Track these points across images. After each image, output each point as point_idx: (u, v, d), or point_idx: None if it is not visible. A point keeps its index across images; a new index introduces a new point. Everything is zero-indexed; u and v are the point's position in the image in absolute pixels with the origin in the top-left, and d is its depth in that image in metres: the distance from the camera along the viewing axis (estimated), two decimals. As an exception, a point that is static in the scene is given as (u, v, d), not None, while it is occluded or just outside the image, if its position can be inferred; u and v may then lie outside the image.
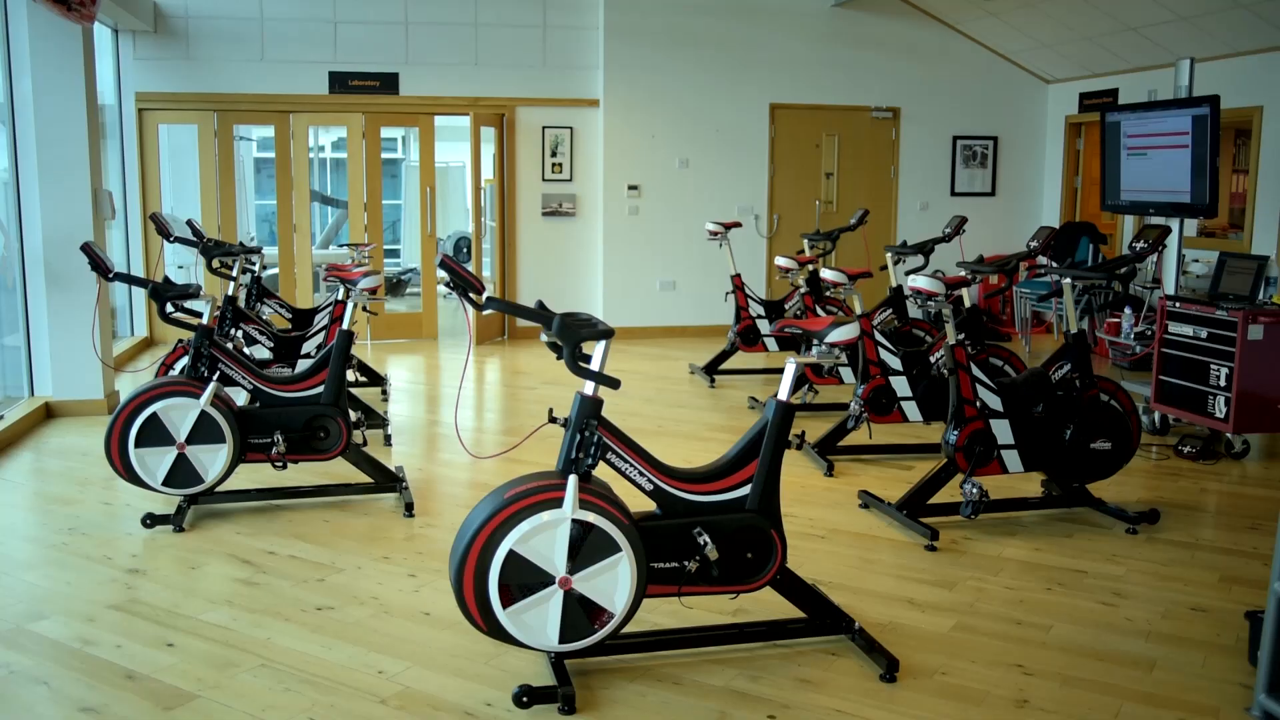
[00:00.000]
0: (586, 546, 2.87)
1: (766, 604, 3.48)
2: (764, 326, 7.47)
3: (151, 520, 4.40)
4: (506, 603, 2.84)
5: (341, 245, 11.56)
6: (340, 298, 5.69)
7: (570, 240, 9.88)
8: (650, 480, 3.05)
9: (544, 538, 2.84)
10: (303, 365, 5.89)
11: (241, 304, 6.36)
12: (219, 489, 4.58)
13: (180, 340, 5.55)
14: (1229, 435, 5.66)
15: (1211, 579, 3.98)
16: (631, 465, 3.02)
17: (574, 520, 2.85)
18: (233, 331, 5.95)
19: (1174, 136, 6.42)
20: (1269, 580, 2.90)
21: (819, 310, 7.15)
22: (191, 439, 4.38)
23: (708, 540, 3.04)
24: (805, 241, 7.72)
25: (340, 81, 9.24)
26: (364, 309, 5.06)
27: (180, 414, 4.37)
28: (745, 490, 3.11)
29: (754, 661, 3.21)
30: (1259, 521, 4.68)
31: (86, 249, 4.80)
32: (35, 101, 6.19)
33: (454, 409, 6.94)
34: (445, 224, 13.78)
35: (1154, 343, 6.07)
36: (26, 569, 3.95)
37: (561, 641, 2.90)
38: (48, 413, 6.38)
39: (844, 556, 4.16)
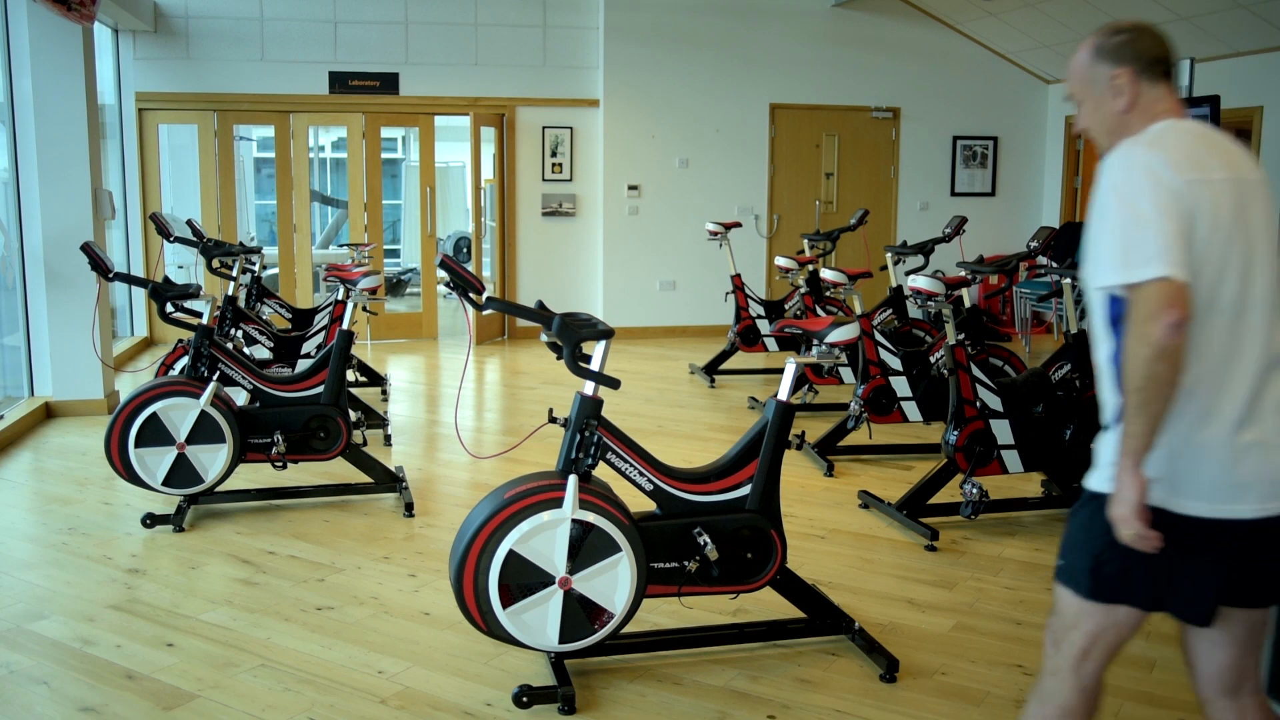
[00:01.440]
0: (586, 546, 2.87)
1: (766, 604, 3.48)
2: (764, 326, 7.47)
3: (151, 520, 4.40)
4: (506, 603, 2.84)
5: (341, 245, 11.56)
6: (340, 298, 5.69)
7: (570, 240, 9.88)
8: (650, 480, 3.05)
9: (544, 538, 2.84)
10: (303, 365, 5.89)
11: (241, 304, 6.36)
12: (219, 489, 4.58)
13: (180, 340, 5.55)
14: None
15: (1211, 579, 3.97)
16: (631, 465, 3.02)
17: (574, 520, 2.85)
18: (233, 331, 5.94)
19: (1174, 136, 6.41)
20: (1269, 580, 2.90)
21: (819, 310, 7.15)
22: (191, 439, 4.38)
23: (708, 540, 3.03)
24: (805, 241, 7.71)
25: (340, 81, 9.24)
26: (364, 309, 5.06)
27: (180, 414, 4.37)
28: (745, 490, 3.11)
29: (754, 661, 3.21)
30: (1259, 521, 4.67)
31: (86, 249, 4.80)
32: (35, 101, 6.19)
33: (454, 409, 6.94)
34: (445, 224, 13.78)
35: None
36: (26, 569, 3.95)
37: (561, 641, 2.90)
38: (48, 413, 6.38)
39: (844, 556, 4.16)
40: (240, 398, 4.97)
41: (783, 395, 3.11)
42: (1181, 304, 1.77)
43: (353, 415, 4.85)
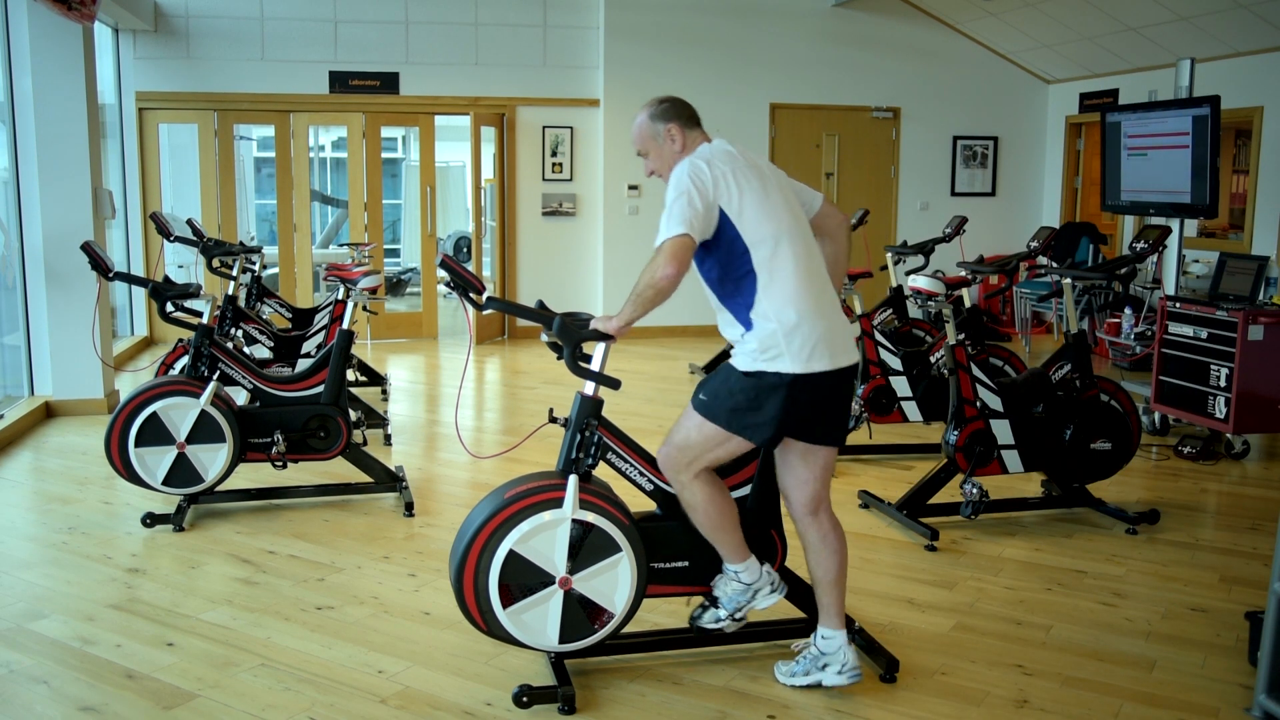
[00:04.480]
0: (586, 546, 2.87)
1: (766, 604, 3.48)
2: (764, 326, 7.45)
3: (151, 520, 4.40)
4: (506, 603, 2.84)
5: (342, 245, 11.56)
6: (340, 297, 5.69)
7: (570, 240, 9.88)
8: (650, 480, 3.05)
9: (544, 538, 2.84)
10: (303, 365, 5.89)
11: (242, 303, 6.36)
12: (219, 488, 4.58)
13: (180, 340, 5.54)
14: (1229, 435, 5.66)
15: (1211, 579, 3.98)
16: (631, 465, 3.02)
17: (574, 520, 2.85)
18: (233, 331, 5.94)
19: (1174, 137, 6.42)
20: (1269, 580, 2.90)
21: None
22: (191, 438, 4.38)
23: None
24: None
25: (340, 81, 9.23)
26: (364, 308, 5.06)
27: (180, 413, 4.37)
28: (745, 490, 3.11)
29: (754, 661, 3.21)
30: (1259, 521, 4.68)
31: (86, 248, 4.79)
32: (35, 101, 6.18)
33: (454, 409, 6.94)
34: (445, 224, 13.78)
35: (1154, 343, 6.07)
36: (26, 568, 3.95)
37: (561, 641, 2.90)
38: (48, 412, 6.37)
39: (844, 556, 4.15)
40: (240, 397, 4.97)
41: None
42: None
43: (353, 415, 4.85)
